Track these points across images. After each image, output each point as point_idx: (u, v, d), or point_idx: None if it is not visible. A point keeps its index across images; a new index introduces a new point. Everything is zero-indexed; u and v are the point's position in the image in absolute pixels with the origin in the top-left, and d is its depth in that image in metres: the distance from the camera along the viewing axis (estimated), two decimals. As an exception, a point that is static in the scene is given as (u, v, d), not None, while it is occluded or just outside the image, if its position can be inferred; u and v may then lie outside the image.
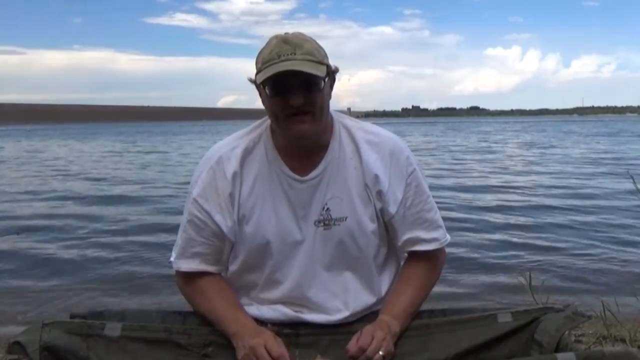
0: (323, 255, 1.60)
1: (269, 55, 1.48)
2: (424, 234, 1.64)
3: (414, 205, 1.62)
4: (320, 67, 1.48)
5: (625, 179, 4.73)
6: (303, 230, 1.59)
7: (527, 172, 13.71)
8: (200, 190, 1.60)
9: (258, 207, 1.59)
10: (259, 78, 1.48)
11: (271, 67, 1.46)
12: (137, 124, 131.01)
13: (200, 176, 1.62)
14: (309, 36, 1.54)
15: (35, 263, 5.49)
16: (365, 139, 1.62)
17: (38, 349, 1.38)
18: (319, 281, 1.61)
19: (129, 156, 22.50)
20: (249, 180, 1.59)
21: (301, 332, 1.60)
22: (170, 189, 11.18)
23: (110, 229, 7.11)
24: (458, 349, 1.56)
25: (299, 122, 1.50)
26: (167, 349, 1.55)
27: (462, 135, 42.27)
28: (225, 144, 1.65)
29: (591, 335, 2.95)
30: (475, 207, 8.46)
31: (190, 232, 1.61)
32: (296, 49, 1.46)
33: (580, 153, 20.05)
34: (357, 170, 1.59)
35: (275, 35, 1.53)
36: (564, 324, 1.49)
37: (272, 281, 1.62)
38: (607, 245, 5.81)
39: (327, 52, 1.56)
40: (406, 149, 1.66)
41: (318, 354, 1.58)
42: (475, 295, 4.36)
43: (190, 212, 1.61)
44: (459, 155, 19.94)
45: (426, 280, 1.68)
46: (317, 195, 1.58)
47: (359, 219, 1.59)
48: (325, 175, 1.58)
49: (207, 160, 1.63)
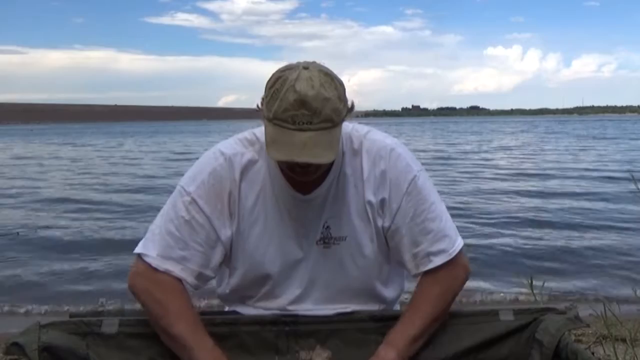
0: (323, 273, 1.56)
1: (282, 113, 1.32)
2: (429, 246, 1.51)
3: (416, 215, 1.51)
4: (334, 143, 1.37)
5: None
6: (304, 249, 1.54)
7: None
8: (200, 191, 1.49)
9: (260, 224, 1.52)
10: (269, 151, 1.37)
11: (284, 143, 1.33)
12: (137, 124, 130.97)
13: (199, 176, 1.51)
14: (330, 83, 1.35)
15: (35, 262, 5.49)
16: (367, 149, 1.53)
17: (37, 349, 1.36)
18: (318, 298, 1.58)
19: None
20: (251, 195, 1.51)
21: (300, 321, 1.59)
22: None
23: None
24: (458, 347, 1.55)
25: (303, 174, 1.43)
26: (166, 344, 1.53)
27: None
28: (230, 148, 1.54)
29: (591, 334, 2.95)
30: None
31: (183, 233, 1.48)
32: (314, 117, 1.31)
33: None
34: (358, 187, 1.52)
35: (293, 83, 1.32)
36: (565, 325, 1.48)
37: (270, 295, 1.59)
38: (606, 245, 5.82)
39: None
40: (405, 155, 1.55)
41: (317, 344, 1.57)
42: (476, 297, 4.37)
43: (188, 212, 1.48)
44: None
45: (437, 304, 1.52)
46: (319, 214, 1.53)
47: (358, 239, 1.54)
48: (328, 194, 1.52)
49: (210, 160, 1.52)
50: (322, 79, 1.34)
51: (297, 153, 1.32)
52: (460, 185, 11.63)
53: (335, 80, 1.37)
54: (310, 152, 1.32)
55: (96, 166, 18.38)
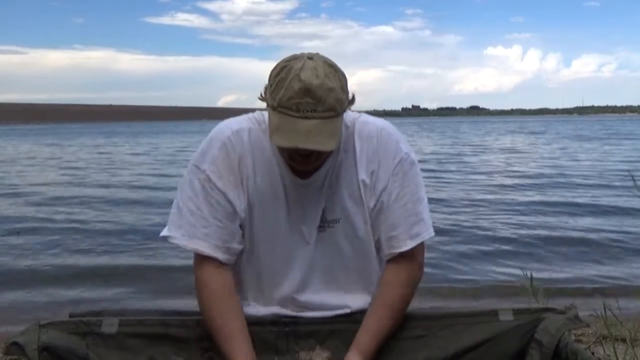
0: (321, 257, 1.58)
1: (287, 101, 1.34)
2: (407, 228, 1.53)
3: (400, 197, 1.53)
4: (336, 132, 1.40)
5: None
6: (304, 233, 1.56)
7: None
8: (212, 167, 1.50)
9: (260, 206, 1.54)
10: (272, 137, 1.38)
11: (288, 130, 1.35)
12: (137, 124, 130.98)
13: (210, 151, 1.52)
14: (334, 73, 1.39)
15: (35, 263, 5.49)
16: (359, 131, 1.55)
17: (37, 349, 1.37)
18: (317, 283, 1.59)
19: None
20: (258, 171, 1.53)
21: (300, 322, 1.59)
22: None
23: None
24: (458, 347, 1.56)
25: (303, 163, 1.45)
26: (165, 344, 1.54)
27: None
28: (239, 123, 1.56)
29: (591, 334, 2.95)
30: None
31: (203, 210, 1.50)
32: (318, 105, 1.34)
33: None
34: (351, 169, 1.54)
35: (299, 72, 1.34)
36: (565, 324, 1.49)
37: (270, 283, 1.60)
38: (607, 246, 5.82)
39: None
40: (396, 136, 1.57)
41: (317, 345, 1.57)
42: (476, 297, 4.37)
43: (203, 189, 1.50)
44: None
45: (402, 300, 1.56)
46: (317, 198, 1.55)
47: (352, 221, 1.55)
48: (326, 178, 1.55)
49: (219, 134, 1.54)
50: (327, 69, 1.37)
51: (302, 140, 1.34)
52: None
53: (338, 72, 1.41)
54: (314, 139, 1.35)
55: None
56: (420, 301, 3.68)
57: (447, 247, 5.82)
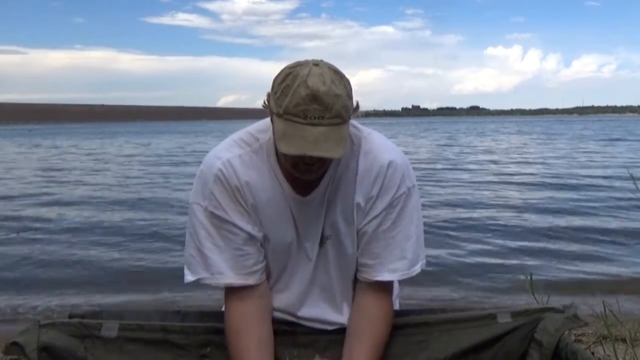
0: (319, 273, 1.57)
1: (294, 107, 1.31)
2: (389, 262, 1.51)
3: (390, 229, 1.51)
4: (343, 139, 1.36)
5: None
6: (307, 250, 1.55)
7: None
8: (212, 202, 1.48)
9: (270, 227, 1.52)
10: (279, 145, 1.34)
11: (295, 137, 1.32)
12: (137, 124, 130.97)
13: (206, 186, 1.49)
14: (340, 80, 1.36)
15: (35, 262, 5.49)
16: (365, 152, 1.52)
17: (36, 349, 1.37)
18: (315, 299, 1.59)
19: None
20: (259, 196, 1.50)
21: (299, 331, 1.60)
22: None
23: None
24: (457, 349, 1.56)
25: (306, 171, 1.42)
26: (165, 350, 1.54)
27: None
28: (225, 151, 1.52)
29: (591, 334, 2.95)
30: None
31: (220, 245, 1.49)
32: (325, 112, 1.31)
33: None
34: (349, 188, 1.51)
35: (305, 79, 1.32)
36: (564, 324, 1.49)
37: (273, 291, 1.60)
38: (606, 246, 5.83)
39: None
40: (403, 167, 1.52)
41: (316, 354, 1.58)
42: (476, 297, 4.37)
43: (212, 225, 1.49)
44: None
45: (386, 338, 1.54)
46: (318, 214, 1.53)
47: (340, 239, 1.54)
48: (325, 194, 1.52)
49: (210, 169, 1.50)
50: (332, 76, 1.35)
51: (310, 147, 1.31)
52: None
53: (343, 78, 1.38)
54: (322, 146, 1.32)
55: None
56: (420, 301, 3.66)
57: (446, 246, 5.82)
